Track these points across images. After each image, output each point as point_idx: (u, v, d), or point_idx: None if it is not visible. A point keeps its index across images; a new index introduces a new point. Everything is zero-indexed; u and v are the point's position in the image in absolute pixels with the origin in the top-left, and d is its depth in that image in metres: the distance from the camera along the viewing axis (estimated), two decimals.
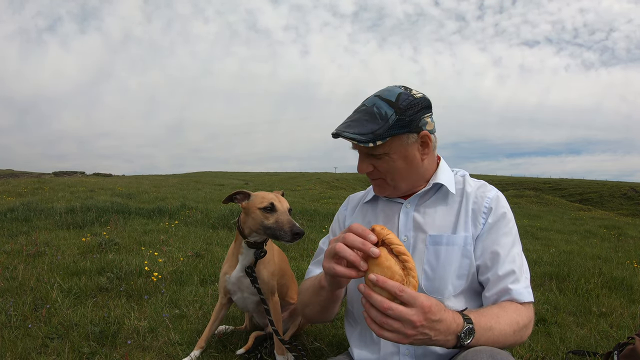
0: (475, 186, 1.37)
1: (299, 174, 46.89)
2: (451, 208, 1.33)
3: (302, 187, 22.02)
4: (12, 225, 5.46)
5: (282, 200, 1.80)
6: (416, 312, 0.91)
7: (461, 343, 1.01)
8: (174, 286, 3.13)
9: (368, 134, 1.22)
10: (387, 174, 1.31)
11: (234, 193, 1.81)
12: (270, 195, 1.80)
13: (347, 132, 1.23)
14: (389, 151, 1.26)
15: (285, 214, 1.75)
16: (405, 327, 0.91)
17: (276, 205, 1.75)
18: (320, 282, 1.20)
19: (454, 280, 1.25)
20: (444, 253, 1.27)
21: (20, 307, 2.50)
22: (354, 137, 1.21)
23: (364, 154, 1.31)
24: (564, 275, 4.08)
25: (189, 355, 1.98)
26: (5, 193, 10.17)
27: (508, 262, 1.23)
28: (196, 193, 12.62)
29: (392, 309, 0.90)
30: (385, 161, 1.28)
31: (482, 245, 1.27)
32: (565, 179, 59.32)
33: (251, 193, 1.82)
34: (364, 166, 1.31)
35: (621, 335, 2.59)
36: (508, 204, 1.34)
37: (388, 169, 1.30)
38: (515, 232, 1.30)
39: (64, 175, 24.04)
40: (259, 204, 1.76)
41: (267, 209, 1.74)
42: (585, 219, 12.35)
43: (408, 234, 1.33)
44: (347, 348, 1.51)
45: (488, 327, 1.06)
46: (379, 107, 1.25)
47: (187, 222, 6.32)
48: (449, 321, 0.98)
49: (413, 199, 1.36)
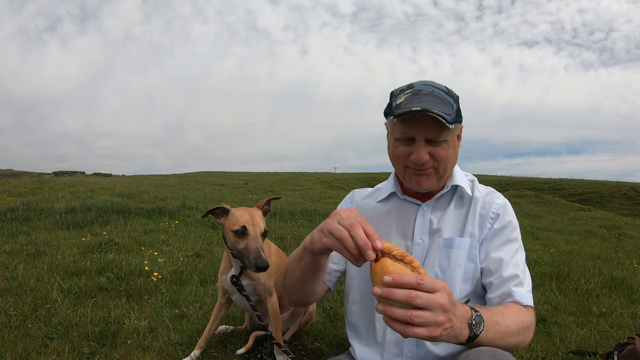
0: (484, 192, 1.38)
1: (299, 174, 46.88)
2: (460, 212, 1.34)
3: (302, 187, 22.02)
4: (12, 225, 5.45)
5: (256, 224, 1.70)
6: (441, 294, 0.89)
7: (474, 332, 0.99)
8: (174, 286, 3.12)
9: (448, 115, 1.17)
10: (441, 162, 1.25)
11: (214, 208, 1.74)
12: (245, 217, 1.70)
13: (436, 110, 1.15)
14: (448, 138, 1.23)
15: (255, 241, 1.66)
16: (436, 314, 0.88)
17: (248, 229, 1.67)
18: (304, 245, 1.20)
19: (460, 283, 1.27)
20: (454, 256, 1.28)
21: (20, 307, 2.50)
22: (443, 116, 1.15)
23: (424, 139, 1.22)
24: (564, 275, 4.08)
25: (189, 355, 1.98)
26: (5, 193, 10.16)
27: (512, 267, 1.24)
28: (196, 193, 12.62)
29: (420, 297, 0.87)
30: (444, 148, 1.23)
31: (487, 249, 1.28)
32: (565, 179, 59.33)
33: (230, 210, 1.73)
34: (424, 153, 1.22)
35: (621, 335, 2.59)
36: (514, 213, 1.36)
37: (444, 156, 1.24)
38: (520, 240, 1.32)
39: (64, 175, 24.04)
40: (232, 225, 1.68)
41: (239, 232, 1.67)
42: (585, 219, 12.35)
43: (423, 238, 1.33)
44: (348, 348, 1.51)
45: (494, 321, 1.06)
46: (440, 94, 1.23)
47: (187, 222, 6.32)
48: (460, 306, 0.98)
49: (431, 201, 1.35)
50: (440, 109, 1.17)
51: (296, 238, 5.34)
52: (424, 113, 1.14)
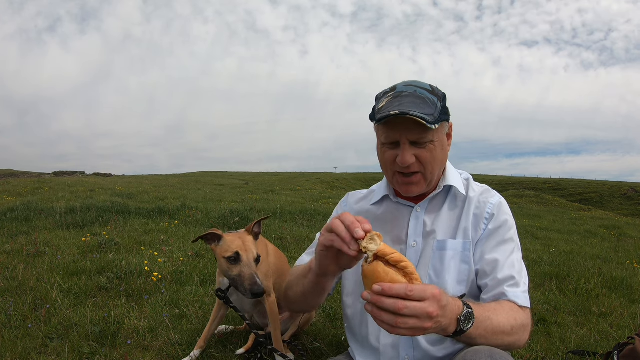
0: (479, 191, 1.35)
1: (299, 174, 46.88)
2: (454, 212, 1.33)
3: (302, 187, 22.02)
4: (12, 225, 5.45)
5: (248, 250, 1.69)
6: (430, 303, 0.90)
7: (461, 328, 1.00)
8: (174, 286, 3.12)
9: (430, 116, 1.15)
10: (427, 165, 1.23)
11: (206, 234, 1.71)
12: (237, 243, 1.68)
13: (415, 112, 1.13)
14: (434, 138, 1.22)
15: (249, 267, 1.65)
16: (422, 321, 0.90)
17: (241, 255, 1.66)
18: (310, 265, 1.22)
19: (454, 285, 1.26)
20: (447, 258, 1.27)
21: (20, 307, 2.50)
22: (423, 117, 1.13)
23: (409, 143, 1.21)
24: (564, 275, 4.08)
25: (189, 355, 1.98)
26: (5, 193, 10.16)
27: (507, 268, 1.23)
28: (196, 193, 12.62)
29: (408, 307, 0.88)
30: (429, 150, 1.22)
31: (481, 250, 1.27)
32: (565, 179, 59.32)
33: (223, 236, 1.71)
34: (409, 156, 1.20)
35: (621, 335, 2.59)
36: (510, 211, 1.34)
37: (430, 158, 1.23)
38: (516, 239, 1.30)
39: (64, 175, 24.05)
40: (224, 252, 1.67)
41: (232, 259, 1.66)
42: (585, 219, 12.34)
43: (417, 240, 1.32)
44: (347, 348, 1.51)
45: (486, 317, 1.06)
46: (423, 93, 1.21)
47: (187, 222, 6.32)
48: (452, 305, 0.98)
49: (424, 203, 1.34)
50: (421, 110, 1.15)
51: (296, 238, 5.34)
52: (406, 114, 1.13)
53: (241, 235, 1.75)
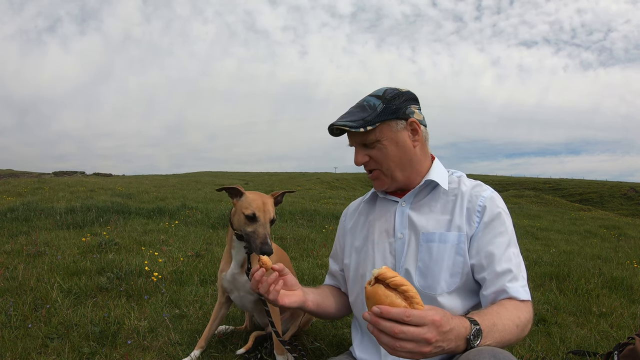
0: (470, 186, 1.38)
1: (299, 174, 46.87)
2: (446, 206, 1.35)
3: (302, 187, 22.03)
4: (12, 225, 5.45)
5: (267, 211, 1.75)
6: (428, 329, 0.90)
7: (471, 345, 1.01)
8: (174, 286, 3.13)
9: (358, 121, 1.31)
10: (382, 163, 1.36)
11: (230, 187, 1.79)
12: (257, 203, 1.74)
13: (340, 121, 1.33)
14: (380, 137, 1.33)
15: (263, 227, 1.71)
16: (420, 346, 0.91)
17: (258, 216, 1.72)
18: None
19: (447, 277, 1.27)
20: (435, 250, 1.29)
21: (20, 307, 2.50)
22: (345, 124, 1.31)
23: (358, 145, 1.38)
24: (564, 276, 4.08)
25: (189, 355, 1.98)
26: (5, 193, 10.17)
27: (504, 261, 1.24)
28: (196, 193, 12.61)
29: (404, 332, 0.89)
30: (379, 149, 1.34)
31: (477, 244, 1.28)
32: (565, 179, 59.33)
33: (244, 192, 1.79)
34: (360, 157, 1.38)
35: (621, 336, 2.59)
36: (504, 204, 1.35)
37: (382, 156, 1.35)
38: (512, 231, 1.31)
39: (64, 175, 24.06)
40: (244, 209, 1.73)
41: (249, 217, 1.72)
42: (585, 219, 12.34)
43: (403, 232, 1.36)
44: (348, 348, 1.52)
45: (491, 324, 1.07)
46: (368, 100, 1.37)
47: (187, 222, 6.32)
48: (458, 327, 0.98)
49: (408, 197, 1.40)
50: (351, 118, 1.33)
51: (296, 238, 5.35)
52: (333, 127, 1.34)
53: (263, 196, 1.81)
